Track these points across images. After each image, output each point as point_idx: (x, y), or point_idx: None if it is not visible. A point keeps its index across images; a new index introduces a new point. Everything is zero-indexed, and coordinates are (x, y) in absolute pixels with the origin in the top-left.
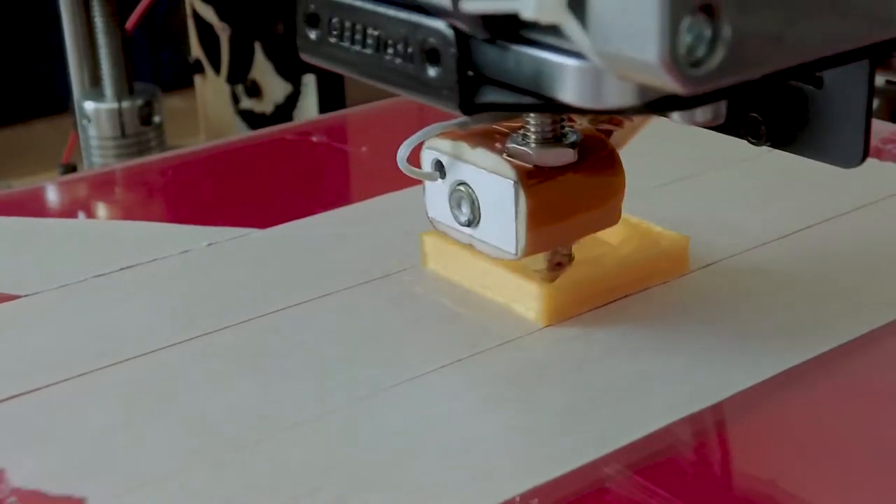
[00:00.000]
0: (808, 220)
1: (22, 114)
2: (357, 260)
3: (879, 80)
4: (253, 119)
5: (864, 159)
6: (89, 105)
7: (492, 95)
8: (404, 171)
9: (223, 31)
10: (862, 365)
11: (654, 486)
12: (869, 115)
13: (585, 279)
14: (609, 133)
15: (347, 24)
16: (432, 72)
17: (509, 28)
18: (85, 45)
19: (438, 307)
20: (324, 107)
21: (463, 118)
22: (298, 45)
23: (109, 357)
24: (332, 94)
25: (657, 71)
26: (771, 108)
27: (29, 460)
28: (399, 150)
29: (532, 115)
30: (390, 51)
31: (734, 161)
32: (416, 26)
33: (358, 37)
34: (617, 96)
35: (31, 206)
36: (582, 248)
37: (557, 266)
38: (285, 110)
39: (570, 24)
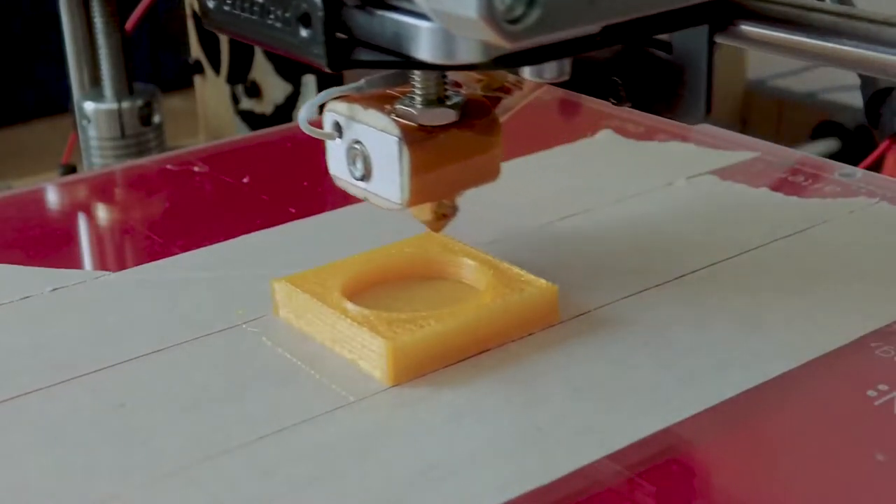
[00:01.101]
0: (691, 265)
1: (22, 114)
2: (206, 306)
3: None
4: (253, 119)
5: (706, 116)
6: (89, 105)
7: (363, 55)
8: (306, 132)
9: None
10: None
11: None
12: (710, 76)
13: (435, 335)
14: (498, 100)
15: None
16: (305, 33)
17: None
18: (85, 46)
19: (281, 363)
20: (323, 107)
21: (358, 83)
22: (200, 15)
23: None
24: None
25: (479, 26)
26: (630, 73)
27: None
28: (300, 112)
29: (418, 79)
30: (272, 16)
31: (625, 198)
32: None
33: (247, 4)
34: (466, 53)
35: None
36: (441, 295)
37: (443, 217)
38: (285, 111)
39: None
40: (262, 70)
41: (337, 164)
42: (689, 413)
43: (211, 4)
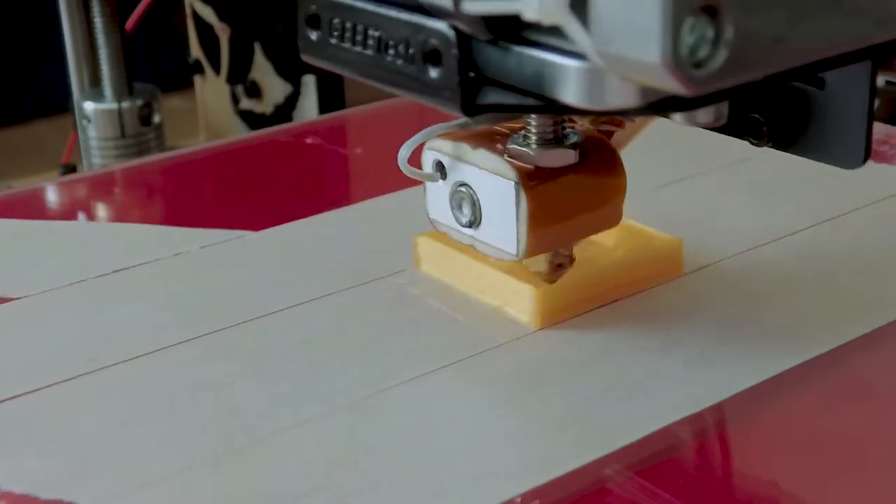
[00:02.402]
0: (805, 222)
1: (22, 114)
2: (350, 262)
3: (879, 80)
4: (253, 119)
5: (865, 160)
6: (89, 105)
7: (493, 96)
8: (405, 172)
9: (223, 32)
10: (863, 365)
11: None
12: (871, 116)
13: (579, 281)
14: (610, 134)
15: (348, 24)
16: (434, 73)
17: (511, 29)
18: (85, 46)
19: (432, 310)
20: (323, 107)
21: (464, 119)
22: (300, 46)
23: (106, 359)
24: (332, 95)
25: (659, 72)
26: (772, 109)
27: (24, 463)
28: (400, 151)
29: (533, 116)
30: (391, 52)
31: (730, 163)
32: (418, 27)
33: (359, 38)
34: (618, 97)
35: (31, 206)
36: (575, 250)
37: (559, 268)
38: (285, 111)
39: (572, 25)
40: (262, 70)
41: (438, 208)
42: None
43: (313, 36)
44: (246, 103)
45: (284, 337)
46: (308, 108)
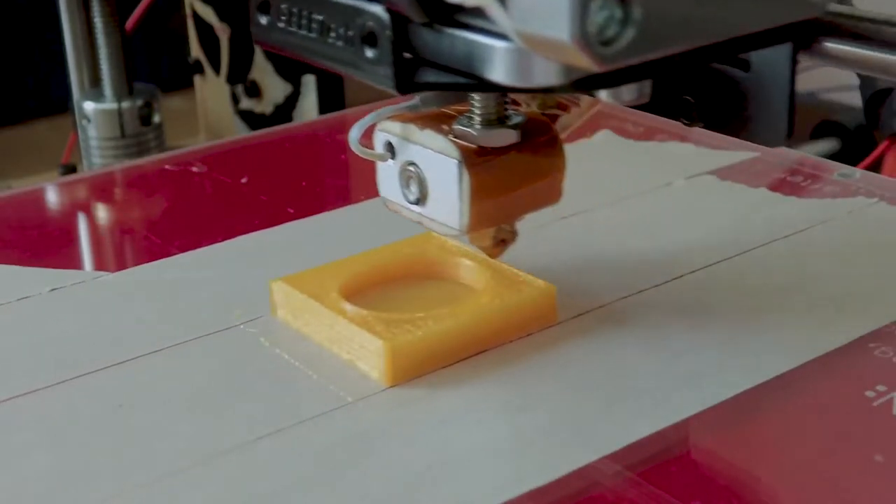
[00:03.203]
0: (692, 265)
1: (22, 114)
2: (205, 307)
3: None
4: (253, 119)
5: (788, 137)
6: (89, 105)
7: (430, 76)
8: (356, 152)
9: (223, 32)
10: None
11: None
12: (792, 96)
13: (433, 336)
14: (556, 117)
15: (294, 10)
16: (370, 53)
17: (444, 12)
18: (85, 46)
19: (278, 364)
20: (323, 107)
21: (413, 101)
22: (252, 31)
23: None
24: (332, 95)
25: (570, 49)
26: (703, 91)
27: None
28: (350, 132)
29: (477, 98)
30: (333, 34)
31: (623, 198)
32: (356, 11)
33: (304, 21)
34: (543, 75)
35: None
36: (441, 296)
37: (502, 242)
38: (285, 111)
39: (492, 6)
40: (262, 70)
41: (389, 186)
42: (688, 413)
43: (263, 20)
44: (246, 103)
45: (99, 398)
46: (308, 107)
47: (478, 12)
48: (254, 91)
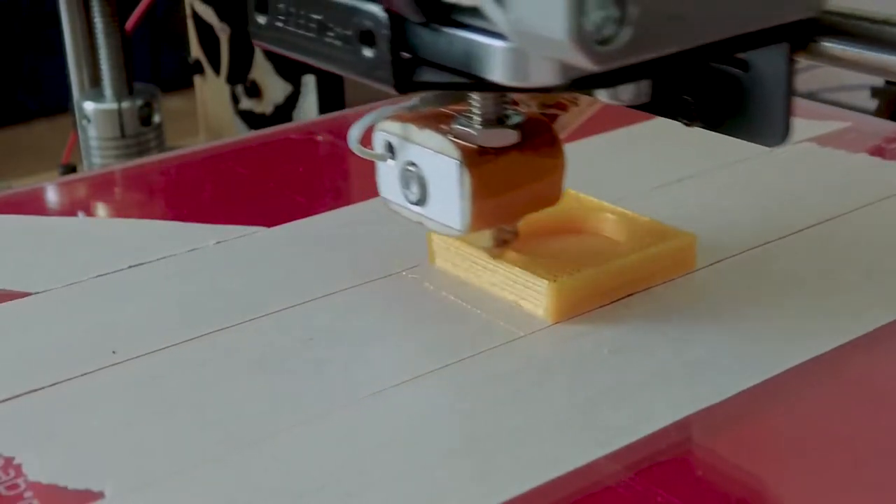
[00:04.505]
0: (808, 220)
1: (22, 114)
2: (364, 258)
3: (880, 80)
4: (253, 119)
5: (786, 138)
6: (89, 105)
7: (428, 75)
8: (356, 152)
9: (223, 32)
10: (864, 365)
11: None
12: (790, 96)
13: (593, 276)
14: (554, 117)
15: (292, 9)
16: (368, 53)
17: (442, 11)
18: (85, 46)
19: (445, 305)
20: (323, 107)
21: (412, 101)
22: (250, 30)
23: (117, 355)
24: (332, 95)
25: (567, 48)
26: (702, 91)
27: (42, 456)
28: (350, 132)
29: (476, 98)
30: (331, 34)
31: (732, 162)
32: (354, 10)
33: (302, 21)
34: (541, 75)
35: (32, 206)
36: (588, 245)
37: (503, 243)
38: (285, 111)
39: (488, 5)
40: (262, 70)
41: (389, 186)
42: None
43: (262, 20)
44: (246, 103)
45: (291, 334)
46: (308, 107)
47: (475, 12)
48: (254, 91)
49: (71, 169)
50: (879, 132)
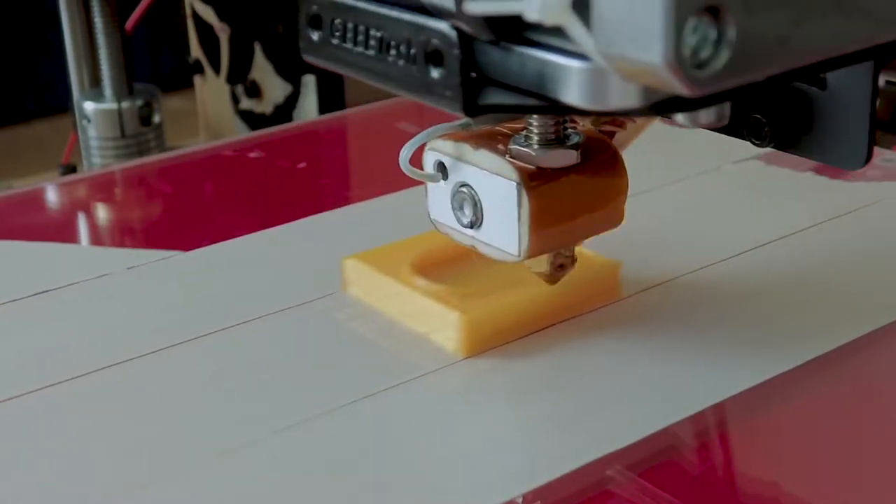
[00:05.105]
0: (748, 243)
1: (22, 114)
2: (279, 284)
3: (880, 80)
4: (253, 119)
5: (867, 160)
6: (89, 105)
7: (496, 97)
8: (406, 173)
9: (223, 32)
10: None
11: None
12: (873, 116)
13: (506, 308)
14: (612, 134)
15: (350, 25)
16: (435, 73)
17: (513, 29)
18: (85, 46)
19: (355, 336)
20: (323, 107)
21: (465, 119)
22: (301, 46)
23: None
24: (332, 95)
25: (662, 73)
26: (774, 110)
27: None
28: (402, 152)
29: (535, 116)
30: (393, 52)
31: (670, 182)
32: (420, 27)
33: (360, 38)
34: (621, 98)
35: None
36: (506, 273)
37: (560, 268)
38: (285, 111)
39: (574, 26)
40: (262, 70)
41: (440, 208)
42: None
43: (315, 36)
44: (246, 103)
45: (197, 368)
46: (308, 107)
47: (550, 30)
48: (254, 91)
49: (71, 169)
50: None
